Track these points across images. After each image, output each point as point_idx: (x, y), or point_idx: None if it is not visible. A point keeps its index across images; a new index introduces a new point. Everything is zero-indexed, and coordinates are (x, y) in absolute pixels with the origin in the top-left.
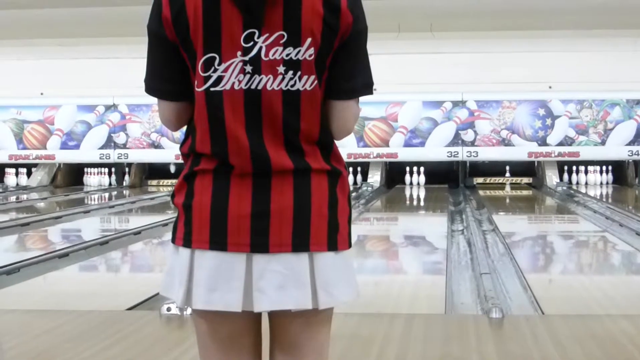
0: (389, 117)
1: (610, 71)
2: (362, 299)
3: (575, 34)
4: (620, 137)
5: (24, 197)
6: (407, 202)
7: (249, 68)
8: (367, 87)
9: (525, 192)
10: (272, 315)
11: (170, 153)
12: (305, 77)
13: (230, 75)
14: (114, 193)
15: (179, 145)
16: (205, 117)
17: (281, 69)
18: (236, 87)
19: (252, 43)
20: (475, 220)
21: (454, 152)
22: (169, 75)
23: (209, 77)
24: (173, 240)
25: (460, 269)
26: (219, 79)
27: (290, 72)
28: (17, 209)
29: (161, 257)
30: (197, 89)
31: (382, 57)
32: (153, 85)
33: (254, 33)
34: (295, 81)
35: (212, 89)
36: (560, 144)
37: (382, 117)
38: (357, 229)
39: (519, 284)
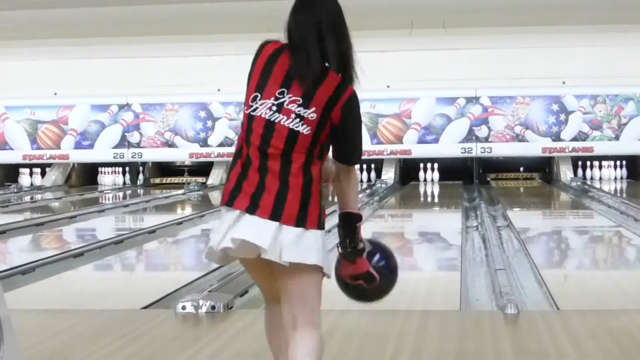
0: (403, 114)
1: (624, 66)
2: None
3: (589, 29)
4: (634, 131)
5: (39, 197)
6: (421, 199)
7: (274, 108)
8: (348, 159)
9: (538, 187)
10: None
11: (184, 152)
12: (304, 126)
13: (262, 109)
14: (128, 192)
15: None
16: (245, 127)
17: (292, 116)
18: (263, 116)
19: (281, 96)
20: (490, 216)
21: (468, 148)
22: None
23: (251, 106)
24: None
25: (475, 265)
26: (256, 109)
27: (297, 120)
28: (31, 209)
29: (176, 256)
30: (244, 110)
31: (395, 54)
32: None
33: (284, 92)
34: (298, 125)
35: (251, 113)
36: (574, 139)
37: (395, 114)
38: (372, 226)
39: (534, 279)
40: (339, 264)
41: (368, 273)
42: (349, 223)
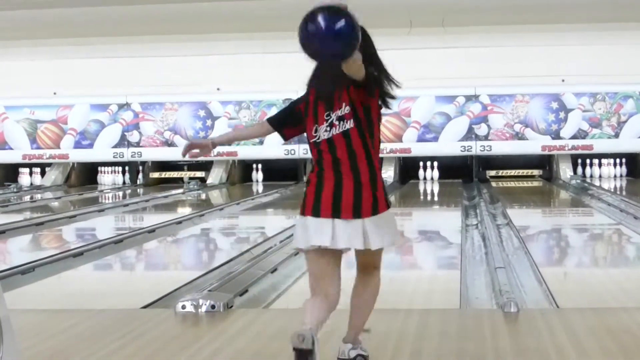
0: (402, 112)
1: (623, 64)
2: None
3: (588, 27)
4: (633, 129)
5: (38, 196)
6: (421, 197)
7: (328, 128)
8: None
9: (538, 185)
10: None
11: None
12: (347, 121)
13: (322, 132)
14: (128, 191)
15: None
16: (314, 150)
17: (337, 122)
18: (324, 137)
19: (329, 117)
20: (490, 214)
21: (468, 146)
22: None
23: (315, 135)
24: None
25: (475, 264)
26: (318, 136)
27: (341, 122)
28: (31, 209)
29: (175, 255)
30: (309, 140)
31: (394, 52)
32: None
33: (330, 113)
34: (344, 125)
35: (316, 140)
36: (574, 137)
37: (395, 113)
38: None
39: (534, 277)
40: None
41: None
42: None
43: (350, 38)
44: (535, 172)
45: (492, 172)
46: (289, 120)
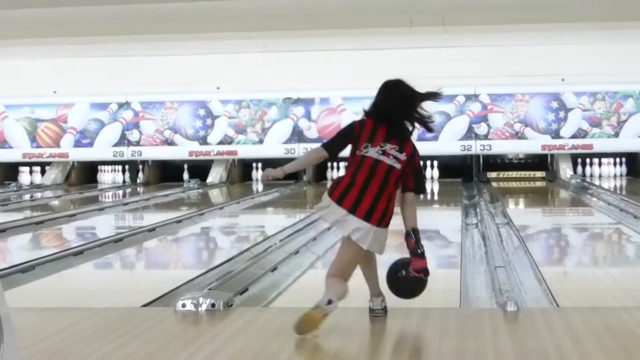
0: None
1: (623, 63)
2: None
3: (588, 26)
4: (633, 128)
5: (38, 195)
6: (421, 196)
7: (380, 152)
8: (421, 189)
9: (538, 185)
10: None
11: (183, 150)
12: (397, 164)
13: (372, 151)
14: (128, 190)
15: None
16: (357, 157)
17: (391, 157)
18: (373, 156)
19: (385, 145)
20: (490, 213)
21: (468, 145)
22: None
23: (363, 149)
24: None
25: (475, 263)
26: (368, 151)
27: (393, 159)
28: (31, 207)
29: (176, 254)
30: (356, 151)
31: (394, 51)
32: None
33: (387, 143)
34: (394, 163)
35: (364, 154)
36: (574, 136)
37: None
38: None
39: (534, 277)
40: (405, 265)
41: (427, 268)
42: (418, 235)
43: None
44: (539, 173)
45: (494, 174)
46: (343, 143)
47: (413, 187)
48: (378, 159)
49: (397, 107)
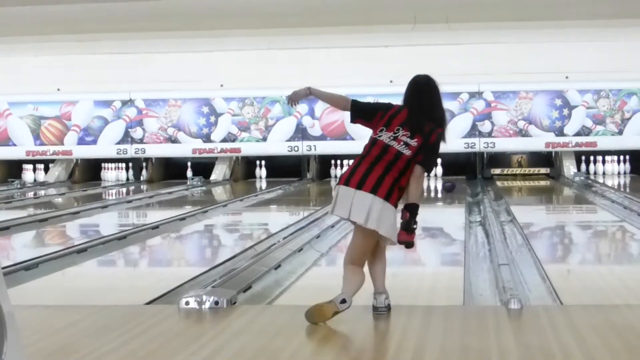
0: None
1: (627, 61)
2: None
3: (592, 23)
4: (637, 126)
5: (42, 192)
6: (425, 194)
7: (392, 137)
8: (429, 167)
9: (542, 183)
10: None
11: (187, 147)
12: (407, 150)
13: (385, 136)
14: (132, 188)
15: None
16: (371, 141)
17: (402, 143)
18: (384, 141)
19: (398, 131)
20: (493, 211)
21: (471, 143)
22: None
23: (378, 133)
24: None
25: (479, 260)
26: (381, 135)
27: (403, 145)
28: (35, 205)
29: (179, 251)
30: (373, 135)
31: (398, 48)
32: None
33: (400, 129)
34: (403, 149)
35: (377, 137)
36: (578, 134)
37: None
38: None
39: (538, 274)
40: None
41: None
42: (416, 210)
43: None
44: (543, 170)
45: (498, 170)
46: (366, 115)
47: (421, 160)
48: (388, 143)
49: (421, 101)
